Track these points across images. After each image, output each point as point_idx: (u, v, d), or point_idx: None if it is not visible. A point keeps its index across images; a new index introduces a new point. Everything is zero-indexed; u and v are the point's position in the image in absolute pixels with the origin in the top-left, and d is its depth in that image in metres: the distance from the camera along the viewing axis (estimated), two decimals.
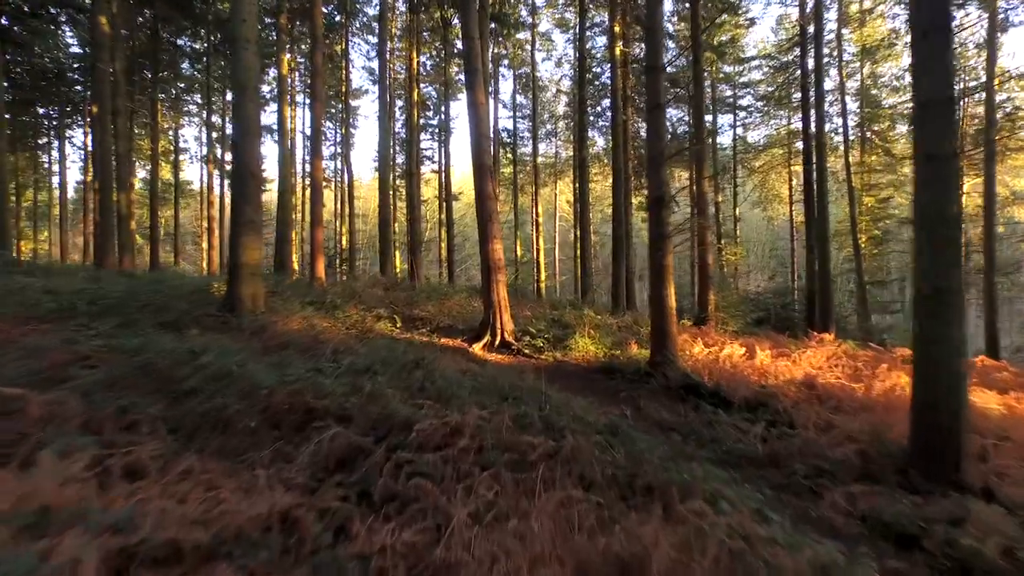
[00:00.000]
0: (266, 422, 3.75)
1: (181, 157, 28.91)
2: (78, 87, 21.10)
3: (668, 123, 22.29)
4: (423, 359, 5.62)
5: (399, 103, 24.75)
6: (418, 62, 17.70)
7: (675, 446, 4.75)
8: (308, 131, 30.41)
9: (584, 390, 6.40)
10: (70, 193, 35.25)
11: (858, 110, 22.17)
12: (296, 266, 19.50)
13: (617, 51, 13.89)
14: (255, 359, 5.10)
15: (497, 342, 7.66)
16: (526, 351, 7.46)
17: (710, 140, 25.63)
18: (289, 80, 22.25)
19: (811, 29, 15.95)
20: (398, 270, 26.13)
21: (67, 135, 28.54)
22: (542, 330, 7.87)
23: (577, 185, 24.79)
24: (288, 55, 14.98)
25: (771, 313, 12.48)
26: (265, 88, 25.35)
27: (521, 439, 3.61)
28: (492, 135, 27.30)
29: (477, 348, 7.49)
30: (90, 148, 22.19)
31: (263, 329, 6.55)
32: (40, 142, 29.34)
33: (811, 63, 15.04)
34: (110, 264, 11.91)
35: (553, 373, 6.80)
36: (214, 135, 27.84)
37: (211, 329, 6.37)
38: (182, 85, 21.64)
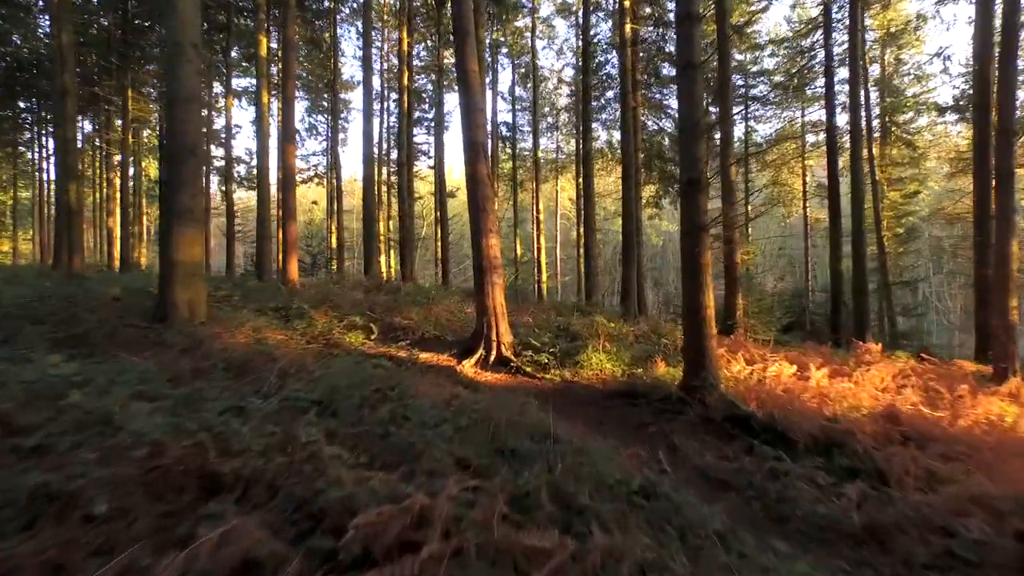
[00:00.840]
0: (129, 504, 2.39)
1: None
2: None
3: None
4: (394, 387, 4.28)
5: (393, 96, 23.43)
6: (409, 44, 16.36)
7: (734, 510, 3.43)
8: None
9: (602, 423, 5.08)
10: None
11: (877, 99, 20.85)
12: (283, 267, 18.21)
13: (627, 29, 12.56)
14: (164, 391, 3.75)
15: (492, 358, 6.33)
16: (528, 369, 6.12)
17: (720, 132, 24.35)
18: (270, 66, 20.89)
19: (835, 11, 14.68)
20: (392, 270, 24.83)
21: (49, 129, 27.23)
22: (547, 343, 6.53)
23: (580, 180, 23.52)
24: (265, 37, 13.65)
25: (803, 318, 11.16)
26: (244, 82, 24.08)
27: (522, 540, 2.25)
28: (489, 126, 26.01)
29: (468, 366, 6.16)
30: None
31: (197, 345, 5.21)
32: (24, 137, 28.07)
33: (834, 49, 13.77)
34: (66, 264, 10.62)
35: (562, 399, 5.47)
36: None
37: (128, 345, 5.04)
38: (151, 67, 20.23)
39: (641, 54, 14.30)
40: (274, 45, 24.71)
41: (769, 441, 4.55)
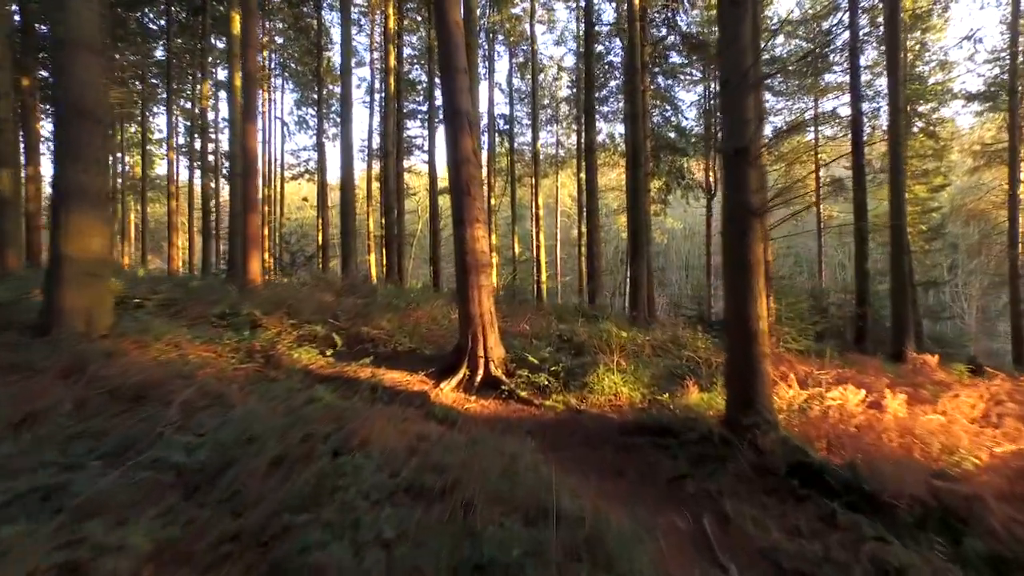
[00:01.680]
0: None
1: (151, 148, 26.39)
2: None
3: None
4: (333, 431, 3.01)
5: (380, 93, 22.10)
6: (397, 21, 15.07)
7: None
8: (280, 114, 27.86)
9: (621, 473, 3.79)
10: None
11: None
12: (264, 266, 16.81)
13: (635, 1, 11.28)
14: None
15: (479, 379, 5.04)
16: (522, 393, 4.83)
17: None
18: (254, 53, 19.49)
19: None
20: (384, 269, 23.46)
21: None
22: (547, 359, 5.23)
23: (582, 176, 22.23)
24: (239, 14, 12.33)
25: (836, 324, 9.88)
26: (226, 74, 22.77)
27: None
28: (486, 118, 24.73)
29: (447, 389, 4.87)
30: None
31: (82, 365, 3.91)
32: None
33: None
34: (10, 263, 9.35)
35: (567, 437, 4.18)
36: (182, 121, 25.29)
37: None
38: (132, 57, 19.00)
39: (648, 36, 12.99)
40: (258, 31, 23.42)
41: (855, 505, 3.26)
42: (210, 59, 19.85)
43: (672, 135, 16.45)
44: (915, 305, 16.37)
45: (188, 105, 23.41)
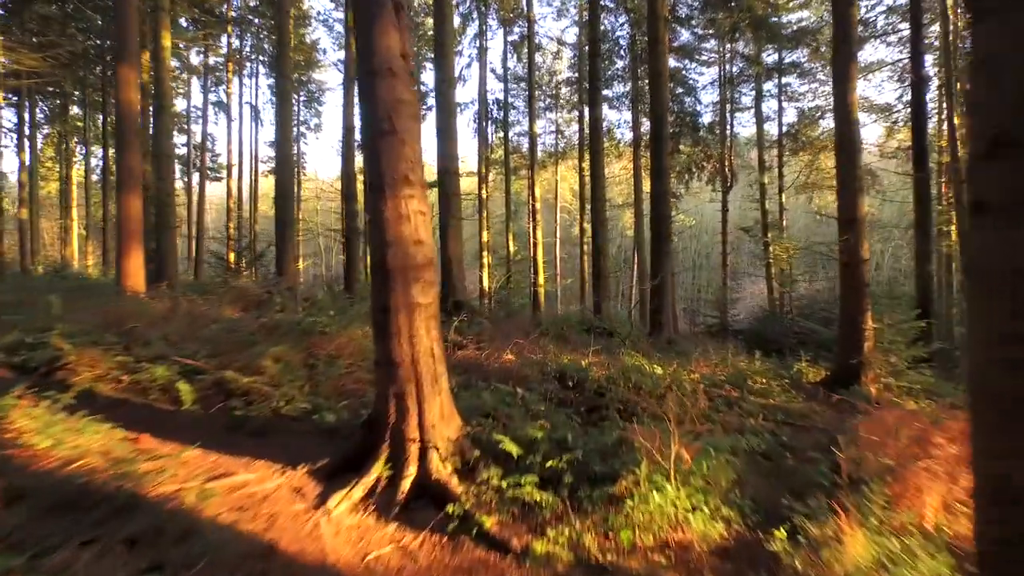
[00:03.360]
0: None
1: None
2: None
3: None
4: None
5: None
6: None
7: None
8: (254, 101, 25.43)
9: None
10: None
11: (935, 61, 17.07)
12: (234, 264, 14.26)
13: None
14: None
15: (406, 485, 2.61)
16: (489, 522, 2.42)
17: (754, 109, 20.60)
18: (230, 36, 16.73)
19: None
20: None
21: None
22: (538, 441, 2.78)
23: (585, 164, 19.82)
24: None
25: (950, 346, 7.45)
26: (210, 60, 20.38)
27: None
28: (477, 104, 22.29)
29: (341, 509, 2.45)
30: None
31: None
32: None
33: None
34: None
35: None
36: None
37: None
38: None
39: None
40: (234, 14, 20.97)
41: None
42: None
43: (700, 119, 14.05)
44: None
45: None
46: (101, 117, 18.40)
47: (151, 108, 10.99)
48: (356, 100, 7.11)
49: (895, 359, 5.10)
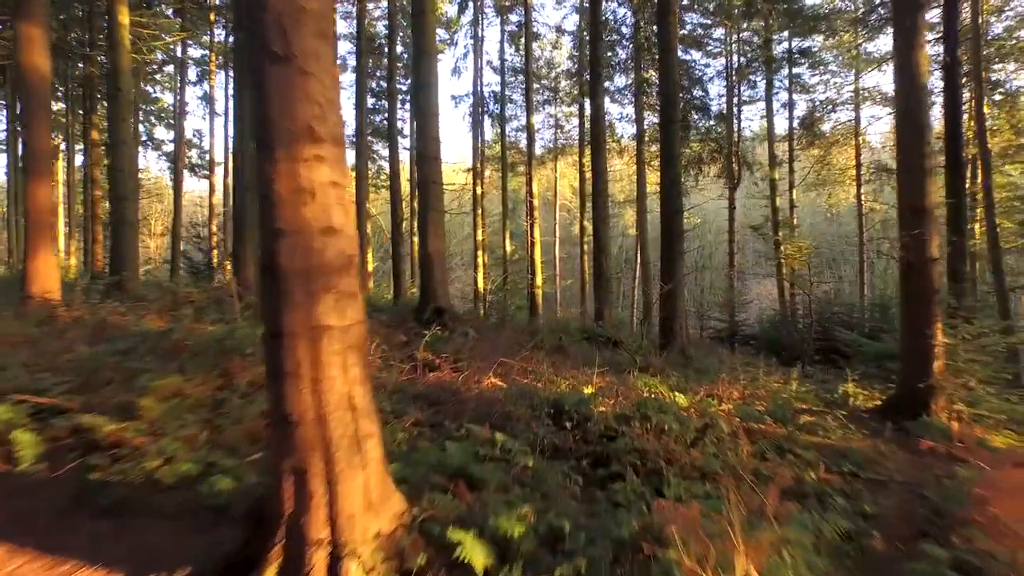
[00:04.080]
0: None
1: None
2: None
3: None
4: None
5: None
6: None
7: None
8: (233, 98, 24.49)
9: None
10: None
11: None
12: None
13: None
14: None
15: None
16: None
17: (762, 102, 19.58)
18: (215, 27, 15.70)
19: None
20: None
21: None
22: (519, 538, 1.82)
23: (586, 159, 18.84)
24: None
25: None
26: (196, 53, 19.40)
27: None
28: (472, 97, 21.30)
29: None
30: None
31: None
32: None
33: None
34: None
35: None
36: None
37: None
38: None
39: None
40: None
41: None
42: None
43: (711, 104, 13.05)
44: (1007, 314, 12.96)
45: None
46: None
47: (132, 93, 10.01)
48: None
49: (973, 382, 4.09)
